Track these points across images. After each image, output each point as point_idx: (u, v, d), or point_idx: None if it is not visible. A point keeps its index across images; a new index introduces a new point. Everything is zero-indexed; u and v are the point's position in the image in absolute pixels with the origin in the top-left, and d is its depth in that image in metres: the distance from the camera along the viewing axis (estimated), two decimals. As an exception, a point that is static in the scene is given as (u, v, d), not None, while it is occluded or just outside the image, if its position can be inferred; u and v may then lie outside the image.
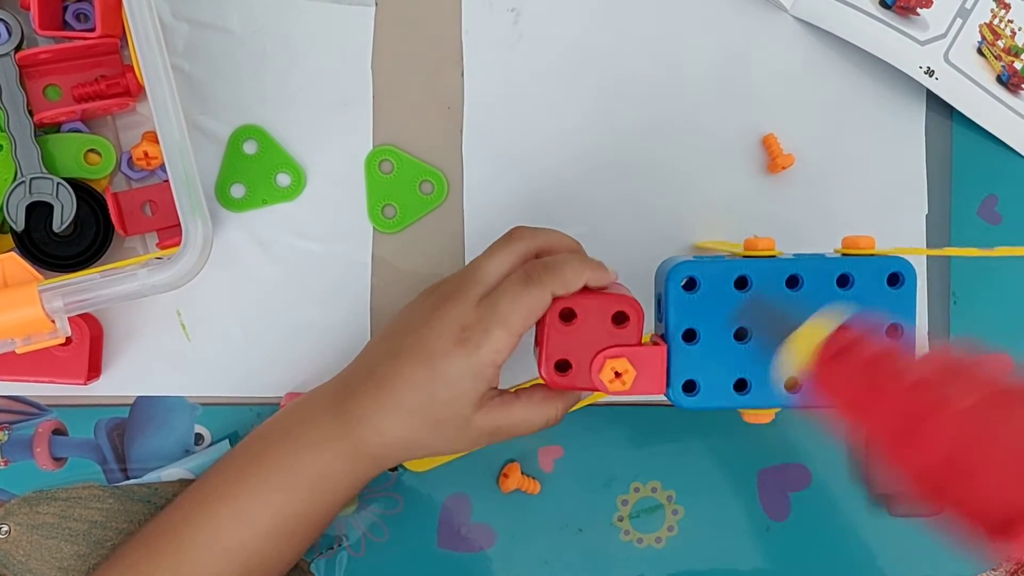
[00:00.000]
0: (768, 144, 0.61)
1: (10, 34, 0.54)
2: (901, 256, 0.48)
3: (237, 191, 0.59)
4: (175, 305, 0.59)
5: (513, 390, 0.51)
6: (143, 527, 0.55)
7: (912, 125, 0.63)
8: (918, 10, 0.60)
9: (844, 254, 0.49)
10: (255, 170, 0.59)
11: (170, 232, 0.57)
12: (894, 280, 0.48)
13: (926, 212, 0.62)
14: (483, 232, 0.60)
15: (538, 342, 0.49)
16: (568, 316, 0.48)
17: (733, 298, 0.48)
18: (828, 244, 0.61)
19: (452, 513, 0.61)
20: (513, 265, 0.50)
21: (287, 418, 0.53)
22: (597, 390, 0.48)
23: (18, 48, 0.54)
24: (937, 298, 0.62)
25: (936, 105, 0.63)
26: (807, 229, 0.62)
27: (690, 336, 0.48)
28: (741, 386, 0.48)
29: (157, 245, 0.58)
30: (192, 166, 0.51)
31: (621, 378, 0.47)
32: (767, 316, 0.47)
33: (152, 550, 0.53)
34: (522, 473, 0.60)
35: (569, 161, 0.60)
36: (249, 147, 0.59)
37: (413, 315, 0.51)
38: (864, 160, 0.62)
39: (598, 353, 0.48)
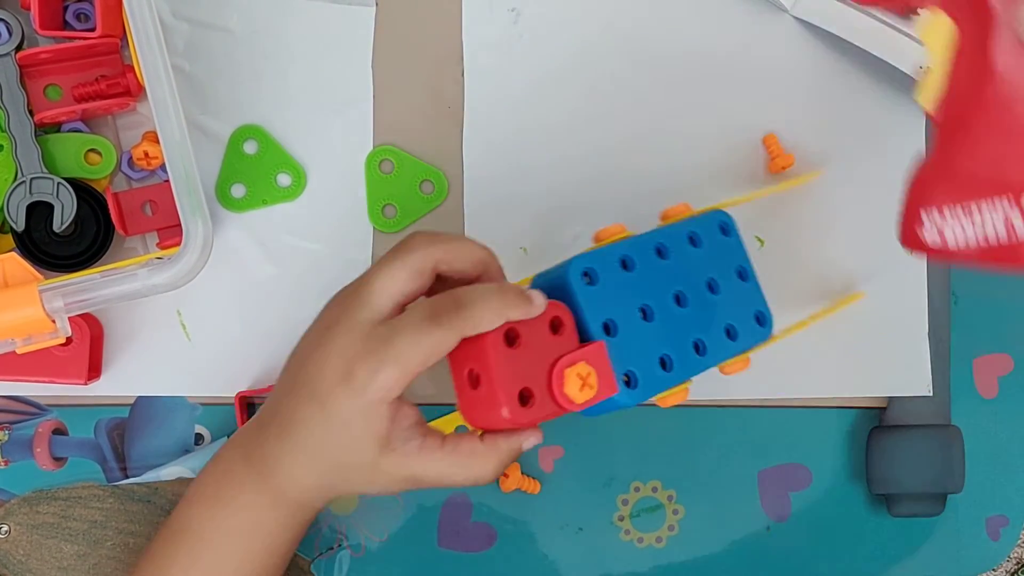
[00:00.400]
0: (768, 144, 0.61)
1: (10, 34, 0.54)
2: (720, 209, 0.53)
3: (237, 191, 0.59)
4: (175, 305, 0.59)
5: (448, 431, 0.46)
6: None
7: (912, 125, 0.63)
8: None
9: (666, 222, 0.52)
10: (255, 170, 0.59)
11: (170, 232, 0.57)
12: (725, 230, 0.52)
13: (926, 212, 0.62)
14: (483, 232, 0.60)
15: (476, 381, 0.43)
16: (512, 338, 0.43)
17: (625, 281, 0.47)
18: (830, 242, 0.61)
19: (452, 513, 0.61)
20: (407, 283, 0.44)
21: (211, 472, 0.50)
22: (564, 411, 0.44)
23: (19, 48, 0.54)
24: (937, 298, 0.62)
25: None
26: (807, 229, 0.62)
27: (608, 329, 0.46)
28: (663, 364, 0.48)
29: (157, 245, 0.58)
30: (192, 166, 0.51)
31: (587, 383, 0.44)
32: None
33: None
34: (522, 473, 0.60)
35: (569, 161, 0.60)
36: (249, 147, 0.59)
37: (306, 340, 0.46)
38: (864, 160, 0.62)
39: (553, 366, 0.43)
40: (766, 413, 0.62)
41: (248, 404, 0.59)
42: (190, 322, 0.59)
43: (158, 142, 0.51)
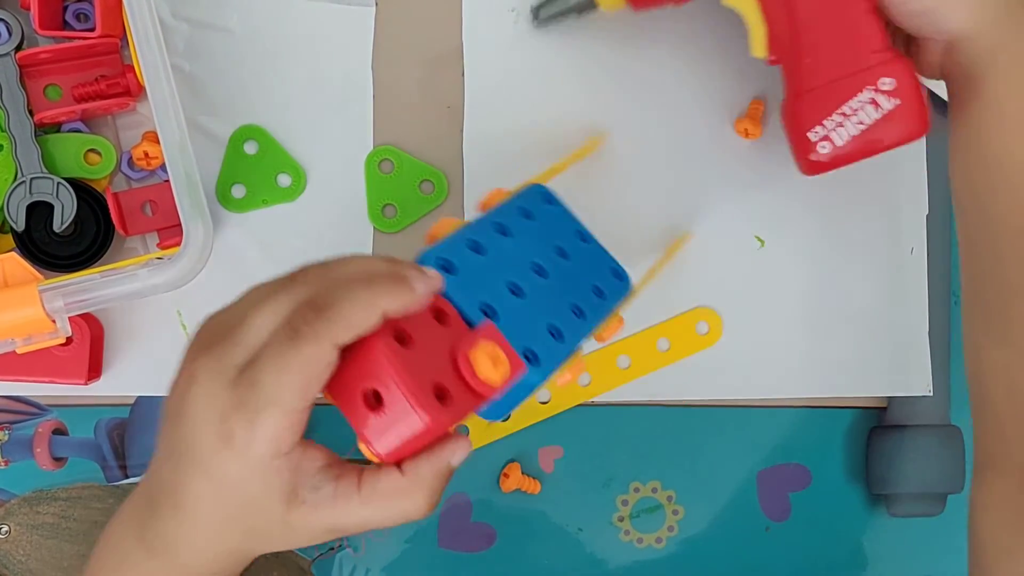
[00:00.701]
0: (752, 107, 0.60)
1: (10, 34, 0.54)
2: (533, 183, 0.52)
3: (238, 191, 0.59)
4: (175, 305, 0.59)
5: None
6: None
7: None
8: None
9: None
10: (256, 170, 0.59)
11: (170, 232, 0.57)
12: (547, 200, 0.51)
13: (926, 212, 0.62)
14: (483, 232, 0.60)
15: (378, 400, 0.37)
16: (402, 339, 0.38)
17: (481, 264, 0.45)
18: (831, 241, 0.61)
19: (452, 513, 0.61)
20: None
21: (103, 558, 0.43)
22: (482, 399, 0.40)
23: (18, 48, 0.54)
24: (938, 298, 0.62)
25: (937, 105, 0.62)
26: (810, 228, 0.62)
27: (487, 314, 0.43)
28: (552, 335, 0.46)
29: (157, 245, 0.58)
30: (192, 166, 0.51)
31: (498, 360, 0.39)
32: None
33: None
34: (522, 473, 0.60)
35: (569, 161, 0.61)
36: (250, 147, 0.59)
37: (173, 395, 0.39)
38: (864, 161, 0.62)
39: (454, 356, 0.39)
40: (766, 413, 0.62)
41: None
42: (190, 322, 0.59)
43: (158, 142, 0.51)
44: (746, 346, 0.61)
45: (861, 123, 0.50)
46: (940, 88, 0.61)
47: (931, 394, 0.62)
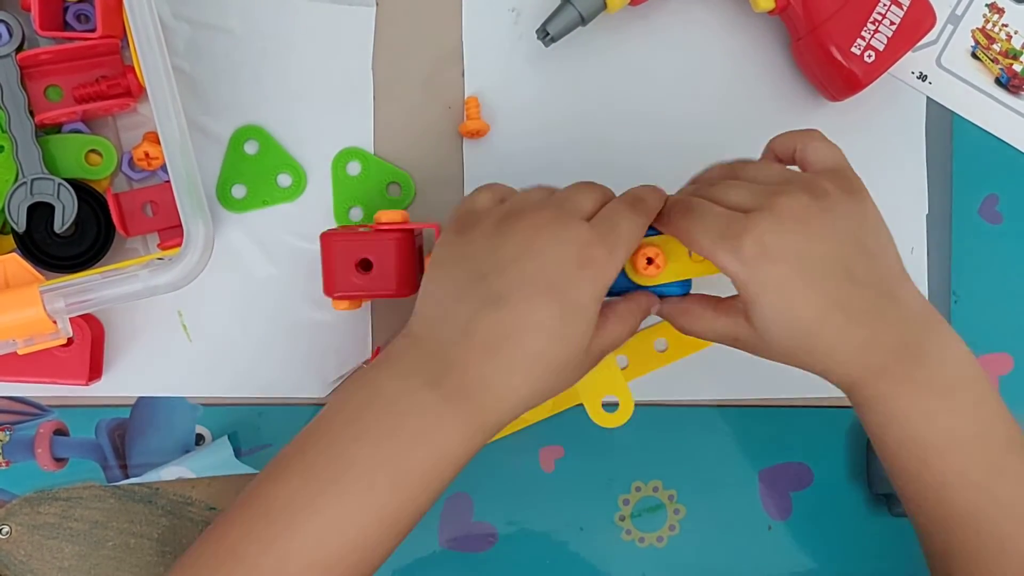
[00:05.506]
0: None
1: (11, 35, 0.54)
2: None
3: (238, 191, 0.59)
4: (176, 306, 0.59)
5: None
6: (188, 552, 0.46)
7: (912, 125, 0.63)
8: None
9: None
10: (256, 170, 0.59)
11: (171, 233, 0.57)
12: None
13: (926, 212, 0.63)
14: (484, 232, 0.60)
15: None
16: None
17: None
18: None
19: (453, 512, 0.61)
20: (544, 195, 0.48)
21: (370, 410, 0.45)
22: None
23: (19, 49, 0.54)
24: (938, 297, 0.62)
25: (936, 105, 0.63)
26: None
27: None
28: None
29: (158, 246, 0.58)
30: (193, 166, 0.51)
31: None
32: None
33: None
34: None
35: (569, 161, 0.60)
36: (250, 147, 0.59)
37: (485, 255, 0.45)
38: (865, 161, 0.62)
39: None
40: (766, 413, 0.62)
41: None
42: (191, 322, 0.59)
43: (159, 143, 0.52)
44: (747, 346, 0.61)
45: (892, 24, 0.57)
46: (931, 90, 0.61)
47: (932, 393, 0.62)
